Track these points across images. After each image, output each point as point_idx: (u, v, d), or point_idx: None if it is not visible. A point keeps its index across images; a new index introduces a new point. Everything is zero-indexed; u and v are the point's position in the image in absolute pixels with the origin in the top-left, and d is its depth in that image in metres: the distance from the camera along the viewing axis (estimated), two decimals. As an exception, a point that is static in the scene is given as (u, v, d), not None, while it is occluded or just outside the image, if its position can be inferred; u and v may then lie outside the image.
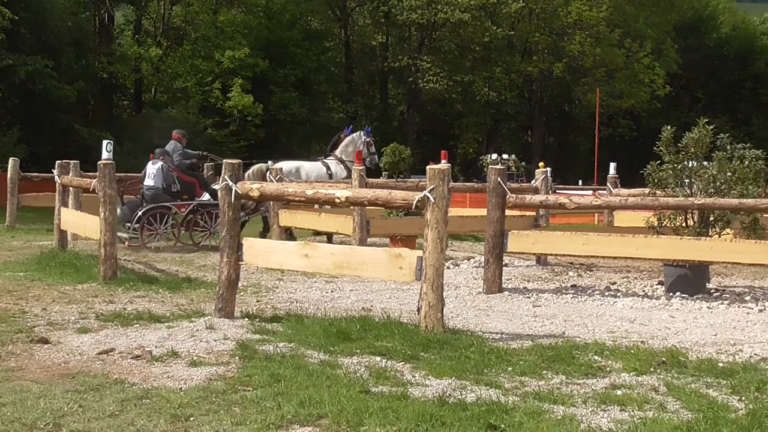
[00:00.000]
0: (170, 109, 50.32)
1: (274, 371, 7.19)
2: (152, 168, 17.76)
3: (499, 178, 12.48)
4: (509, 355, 7.89)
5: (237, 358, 7.81)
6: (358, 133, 20.79)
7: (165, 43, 52.57)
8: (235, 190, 9.80)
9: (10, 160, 23.50)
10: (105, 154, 13.63)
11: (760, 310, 11.09)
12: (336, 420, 6.03)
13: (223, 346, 8.27)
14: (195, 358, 7.82)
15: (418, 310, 8.89)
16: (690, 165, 13.01)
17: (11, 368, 7.46)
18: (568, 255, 14.16)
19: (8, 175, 23.07)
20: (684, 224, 12.87)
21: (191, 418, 6.10)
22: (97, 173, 13.20)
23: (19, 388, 6.78)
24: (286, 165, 19.39)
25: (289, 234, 17.85)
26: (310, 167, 20.02)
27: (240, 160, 10.28)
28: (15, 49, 36.43)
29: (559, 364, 7.59)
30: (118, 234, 14.34)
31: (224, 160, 10.23)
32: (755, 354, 8.27)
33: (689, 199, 12.37)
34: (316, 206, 17.06)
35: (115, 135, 35.33)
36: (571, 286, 13.19)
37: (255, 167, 19.09)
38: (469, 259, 16.04)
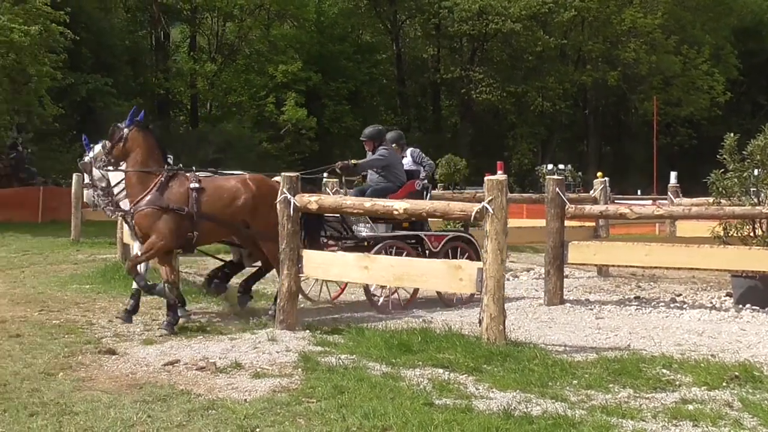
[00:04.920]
0: (225, 123, 50.67)
1: (337, 383, 7.19)
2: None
3: (557, 189, 12.37)
4: (574, 368, 7.80)
5: (300, 369, 7.83)
6: None
7: (219, 59, 53.00)
8: (294, 203, 9.83)
9: (74, 176, 23.83)
10: (166, 169, 13.67)
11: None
12: (401, 432, 6.02)
13: (286, 358, 8.30)
14: (258, 369, 7.86)
15: (480, 322, 8.83)
16: (756, 173, 12.76)
17: (81, 378, 7.59)
18: (630, 266, 13.96)
19: (72, 191, 23.37)
20: (752, 234, 12.60)
21: (257, 430, 6.14)
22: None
23: (90, 398, 6.89)
24: None
25: None
26: None
27: (298, 173, 10.31)
28: (76, 68, 37.02)
29: (625, 378, 7.48)
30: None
31: (282, 174, 10.26)
32: (835, 369, 8.00)
33: (757, 207, 12.13)
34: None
35: (172, 150, 35.57)
36: (635, 297, 13.00)
37: None
38: (528, 271, 15.93)
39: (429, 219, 12.41)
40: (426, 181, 13.24)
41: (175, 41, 56.83)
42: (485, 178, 9.06)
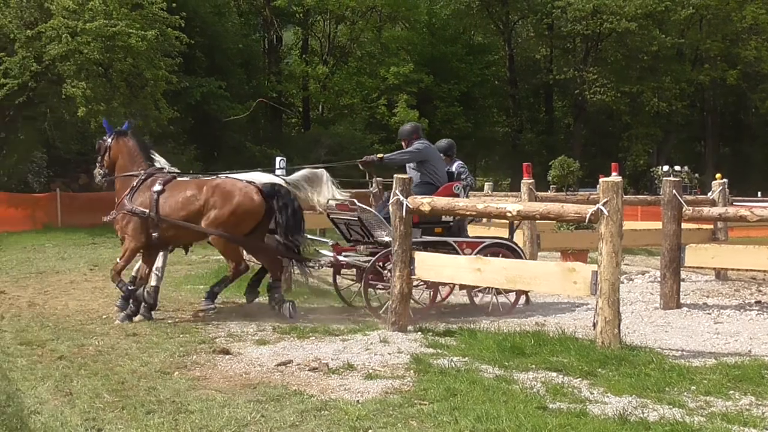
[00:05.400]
0: (337, 125, 51.09)
1: (450, 385, 7.17)
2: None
3: (674, 191, 12.12)
4: (691, 374, 7.62)
5: (412, 371, 7.83)
6: None
7: (331, 61, 53.45)
8: (406, 205, 9.82)
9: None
10: (278, 171, 13.86)
11: None
12: (514, 436, 5.96)
13: (398, 360, 8.30)
14: (370, 371, 7.89)
15: (594, 325, 8.70)
16: None
17: (196, 377, 7.73)
18: (751, 270, 13.56)
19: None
20: None
21: (369, 431, 6.14)
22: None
23: (205, 397, 7.01)
24: None
25: None
26: None
27: (410, 176, 10.28)
28: (191, 72, 37.72)
29: (746, 384, 7.28)
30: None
31: (395, 175, 10.22)
32: None
33: None
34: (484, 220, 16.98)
35: (284, 152, 36.06)
36: (756, 302, 12.61)
37: None
38: (643, 274, 15.64)
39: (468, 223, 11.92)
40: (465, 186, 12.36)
41: (287, 44, 57.52)
42: (600, 180, 8.93)
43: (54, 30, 27.40)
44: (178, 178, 11.51)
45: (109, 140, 11.76)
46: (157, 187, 11.08)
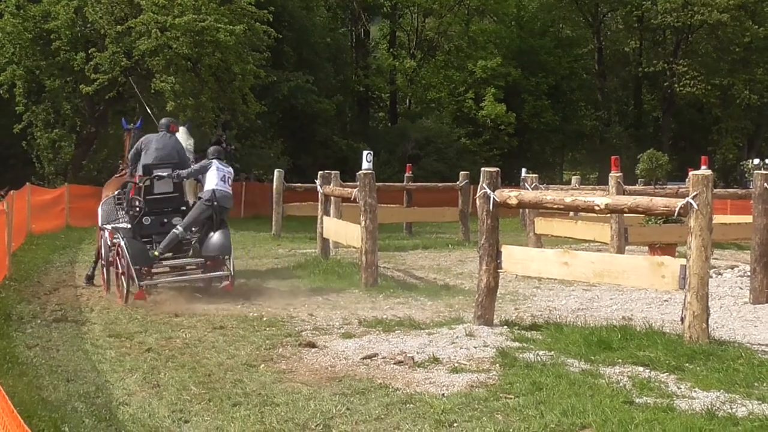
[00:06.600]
0: (424, 119, 51.11)
1: (535, 379, 7.16)
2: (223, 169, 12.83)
3: (765, 184, 11.91)
4: (782, 369, 7.49)
5: (497, 365, 7.83)
6: None
7: (419, 55, 53.43)
8: (494, 198, 9.81)
9: (276, 172, 24.62)
10: (365, 164, 13.93)
11: None
12: (600, 430, 5.94)
13: (483, 354, 8.30)
14: (456, 364, 7.90)
15: (682, 320, 8.60)
16: None
17: (282, 370, 7.83)
18: None
19: (274, 186, 24.15)
20: None
21: (454, 424, 6.18)
22: (358, 183, 13.59)
23: (290, 390, 7.10)
24: None
25: None
26: None
27: (498, 169, 10.27)
28: (278, 66, 37.98)
29: (839, 381, 7.12)
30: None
31: (482, 169, 10.21)
32: None
33: None
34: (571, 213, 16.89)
35: (371, 146, 36.13)
36: None
37: None
38: (732, 268, 15.36)
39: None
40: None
41: (375, 38, 57.68)
42: (690, 174, 8.83)
43: (144, 25, 27.77)
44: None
45: (125, 134, 14.79)
46: (109, 180, 14.29)
